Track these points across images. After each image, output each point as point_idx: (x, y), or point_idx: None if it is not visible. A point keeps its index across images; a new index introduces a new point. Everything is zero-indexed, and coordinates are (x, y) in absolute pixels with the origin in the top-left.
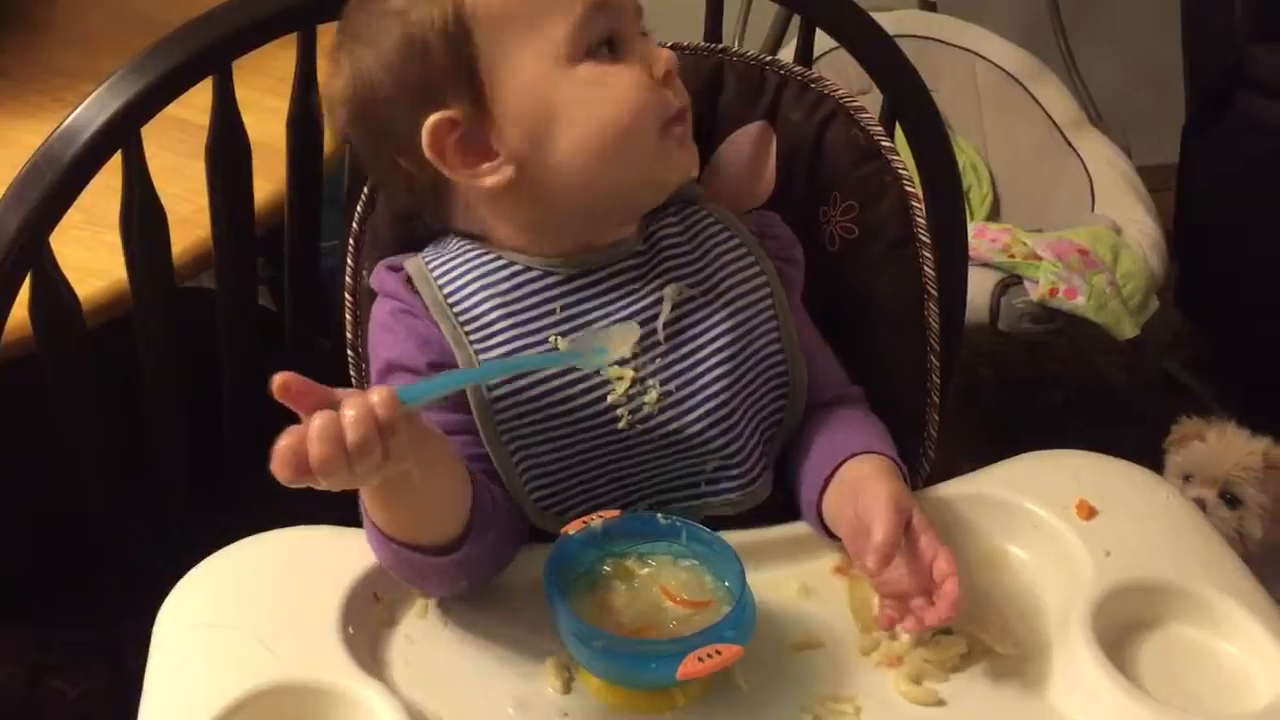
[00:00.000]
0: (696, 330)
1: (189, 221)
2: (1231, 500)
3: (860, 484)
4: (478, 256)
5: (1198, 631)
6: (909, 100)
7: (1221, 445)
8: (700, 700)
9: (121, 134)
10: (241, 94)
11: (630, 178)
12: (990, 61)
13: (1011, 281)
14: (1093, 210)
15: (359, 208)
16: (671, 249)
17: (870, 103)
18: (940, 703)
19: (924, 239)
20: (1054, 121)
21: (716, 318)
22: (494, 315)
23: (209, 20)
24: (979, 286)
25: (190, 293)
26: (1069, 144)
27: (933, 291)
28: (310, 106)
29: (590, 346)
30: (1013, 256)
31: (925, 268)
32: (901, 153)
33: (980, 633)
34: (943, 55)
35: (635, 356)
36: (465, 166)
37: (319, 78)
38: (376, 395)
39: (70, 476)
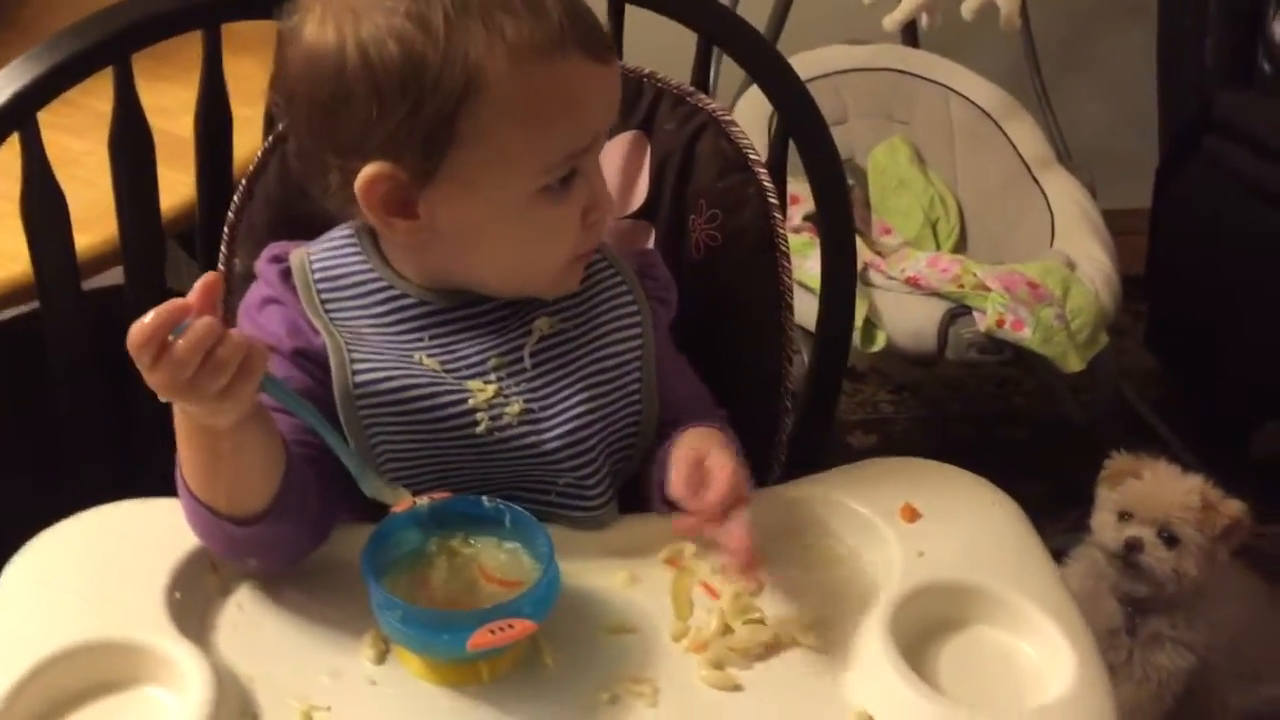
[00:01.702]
0: (563, 360)
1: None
2: (1169, 539)
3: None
4: (360, 268)
5: (999, 632)
6: (801, 117)
7: (1158, 484)
8: (506, 676)
9: (17, 118)
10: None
11: (520, 286)
12: (965, 97)
13: (960, 312)
14: (1051, 246)
15: (235, 198)
16: None
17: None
18: (738, 688)
19: (783, 248)
20: (1022, 158)
21: (584, 350)
22: (365, 328)
23: (111, 13)
24: (927, 316)
25: (105, 293)
26: (1035, 181)
27: (789, 300)
28: (218, 102)
29: (380, 484)
30: (961, 287)
31: (783, 276)
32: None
33: (789, 624)
34: (918, 89)
35: (498, 374)
36: (384, 212)
37: (297, 25)
38: (256, 347)
39: None
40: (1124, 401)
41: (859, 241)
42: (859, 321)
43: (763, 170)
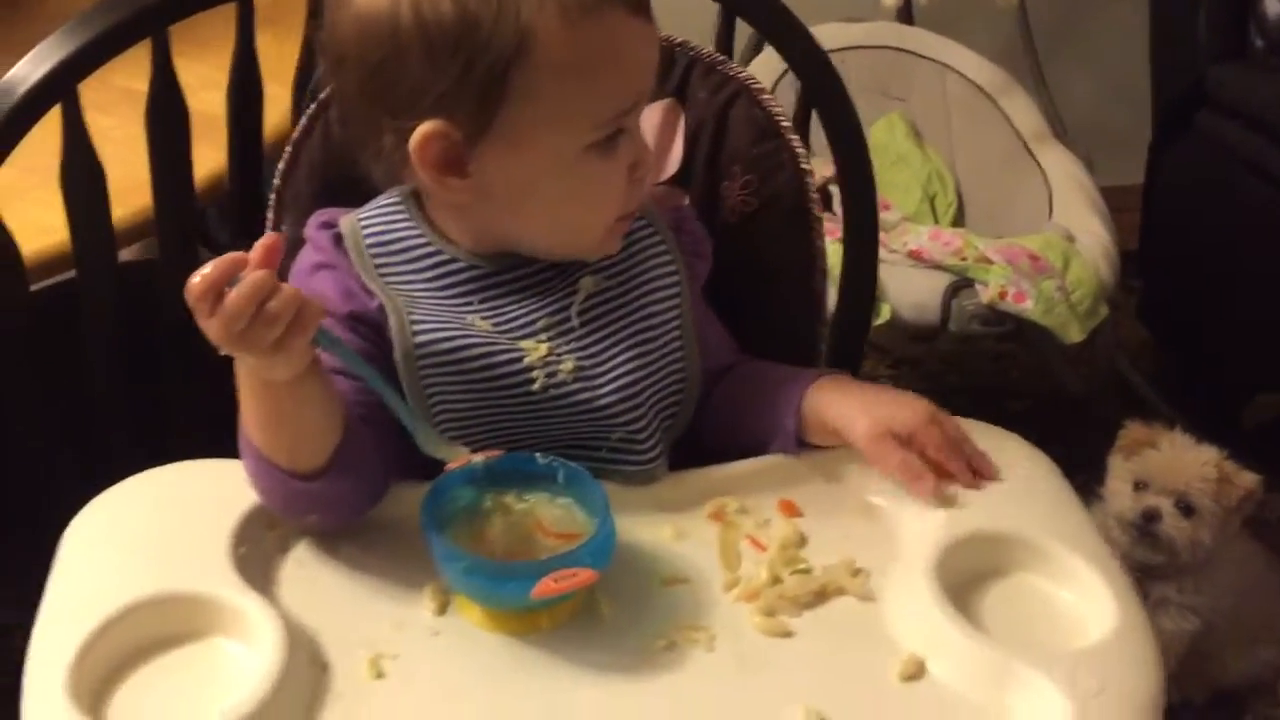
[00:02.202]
0: (610, 317)
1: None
2: (1186, 509)
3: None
4: (410, 233)
5: (1039, 579)
6: (823, 88)
7: (1175, 454)
8: (565, 626)
9: (58, 89)
10: (202, 70)
11: (565, 247)
12: (960, 74)
13: (962, 284)
14: (1049, 220)
15: (281, 165)
16: None
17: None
18: (789, 634)
19: (815, 213)
20: (1019, 134)
21: (629, 308)
22: (418, 290)
23: None
24: (930, 288)
25: (136, 266)
26: (1032, 156)
27: (822, 264)
28: (250, 74)
29: (438, 441)
30: (964, 260)
31: (815, 240)
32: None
33: (836, 573)
34: (915, 66)
35: (548, 334)
36: (435, 171)
37: None
38: (309, 301)
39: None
40: (1118, 374)
41: None
42: None
43: (795, 137)
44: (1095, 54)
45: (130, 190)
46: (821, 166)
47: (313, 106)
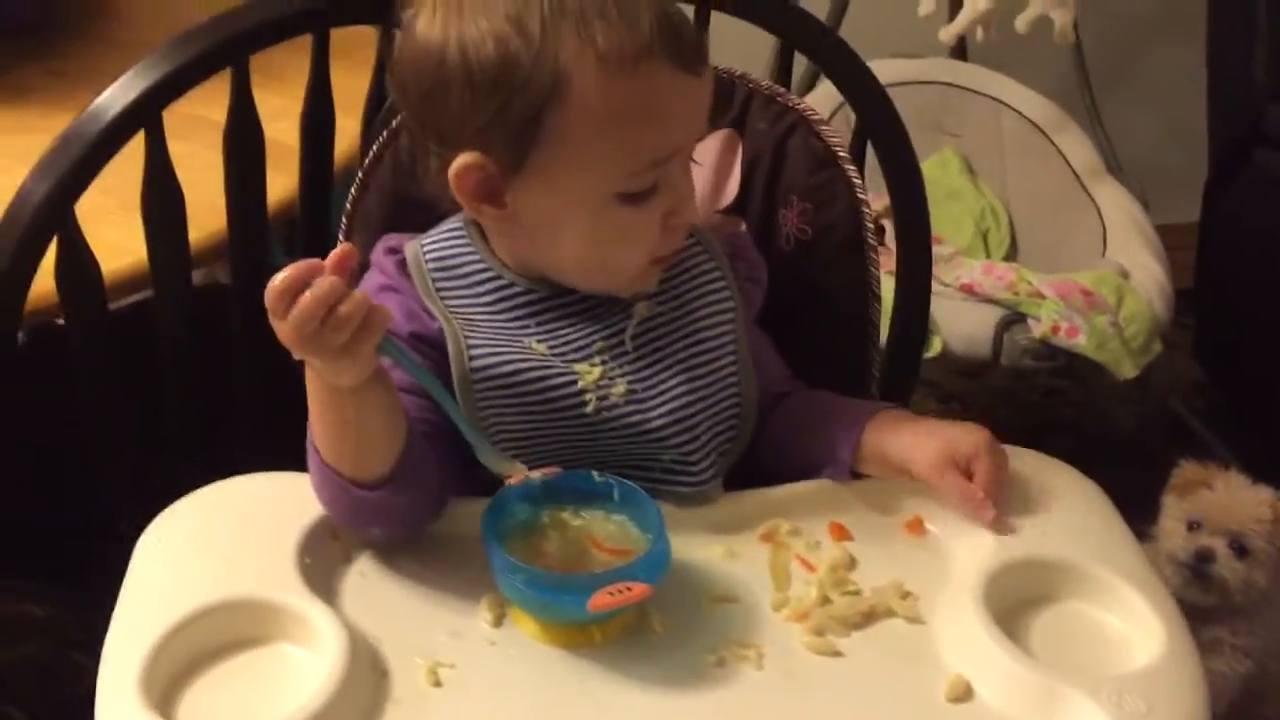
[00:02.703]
0: (663, 342)
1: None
2: (1240, 550)
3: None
4: (471, 258)
5: (1088, 606)
6: (879, 120)
7: (1230, 495)
8: (617, 640)
9: (143, 115)
10: (274, 101)
11: (596, 284)
12: (1015, 110)
13: (1014, 319)
14: (1104, 256)
15: (353, 190)
16: None
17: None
18: (837, 654)
19: (871, 242)
20: (1073, 170)
21: (682, 333)
22: (477, 313)
23: (229, 17)
24: (982, 322)
25: (209, 290)
26: (1086, 192)
27: (876, 291)
28: (323, 105)
29: (497, 455)
30: (1016, 294)
31: (870, 269)
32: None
33: (885, 595)
34: (969, 102)
35: (602, 357)
36: (472, 199)
37: (411, 19)
38: (377, 308)
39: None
40: (1171, 412)
41: None
42: None
43: (852, 167)
44: (1152, 91)
45: (202, 214)
46: (875, 200)
47: (384, 135)
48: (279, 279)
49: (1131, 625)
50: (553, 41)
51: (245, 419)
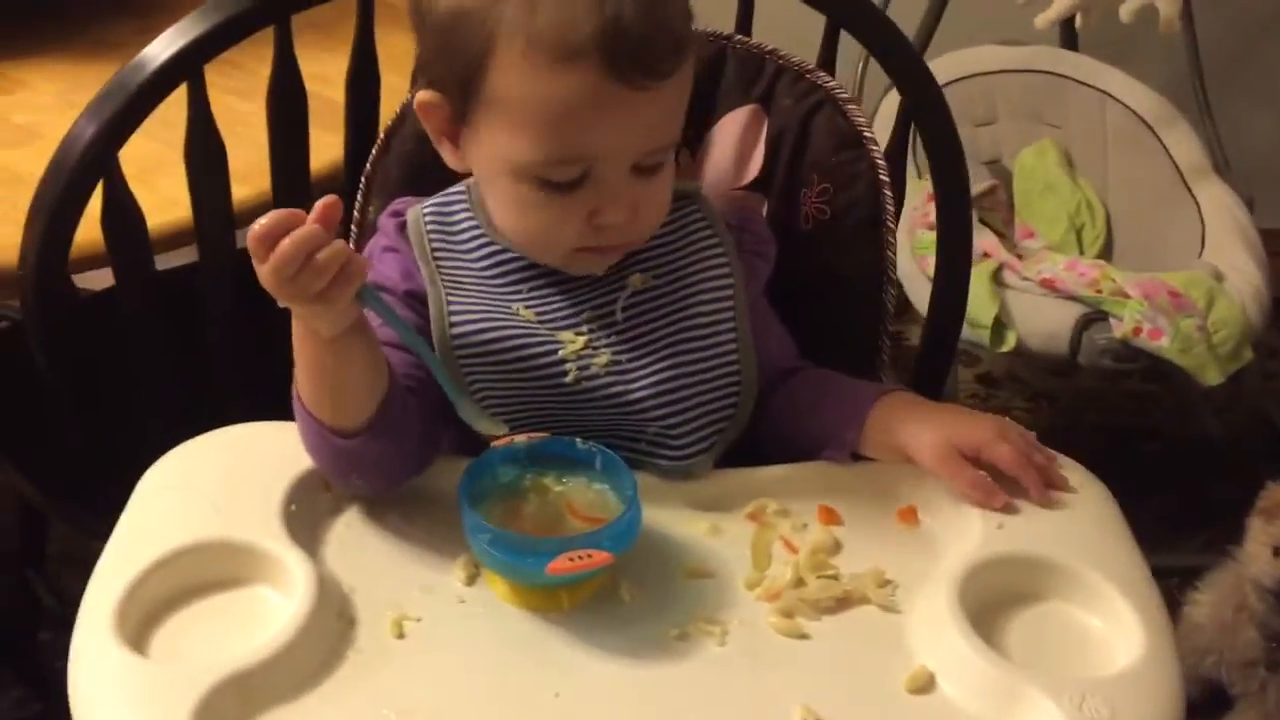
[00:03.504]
0: (654, 315)
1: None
2: None
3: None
4: (468, 223)
5: (1072, 607)
6: (925, 103)
7: None
8: (584, 607)
9: (185, 68)
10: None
11: (530, 253)
12: (1121, 103)
13: (1095, 317)
14: (1200, 257)
15: (374, 151)
16: (650, 243)
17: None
18: (804, 636)
19: (890, 225)
20: (1177, 167)
21: (676, 307)
22: (469, 277)
23: None
24: (1061, 319)
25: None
26: (1189, 190)
27: (893, 275)
28: (368, 63)
29: (478, 413)
30: (1099, 292)
31: (888, 253)
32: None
33: (862, 581)
34: (1073, 93)
35: (590, 326)
36: (437, 134)
37: None
38: (356, 257)
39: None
40: (1266, 422)
41: (998, 243)
42: (989, 320)
43: (876, 148)
44: (1270, 89)
45: (256, 173)
46: None
47: (407, 97)
48: (260, 224)
49: (1114, 629)
50: (499, 8)
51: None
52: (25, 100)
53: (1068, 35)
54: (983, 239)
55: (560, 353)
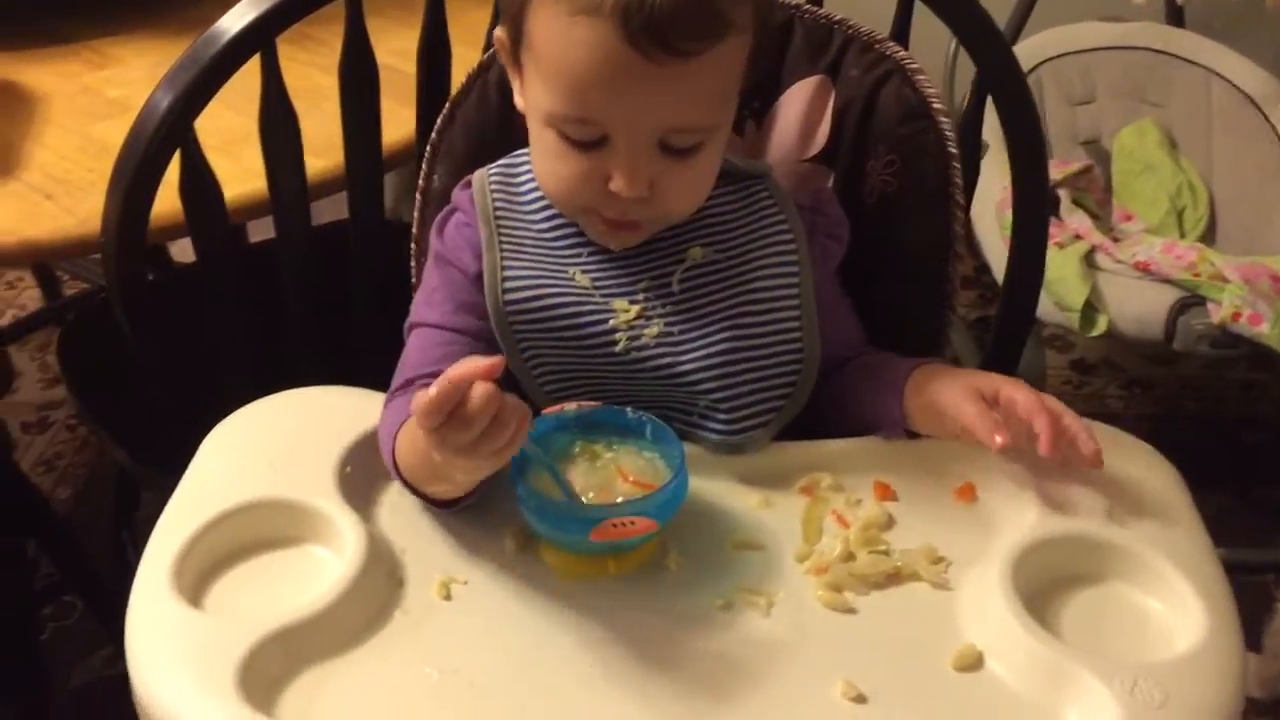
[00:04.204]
0: (712, 289)
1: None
2: None
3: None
4: (531, 185)
5: (1132, 589)
6: (1001, 74)
7: None
8: (631, 576)
9: (257, 40)
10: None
11: (557, 205)
12: (1228, 81)
13: (1192, 302)
14: None
15: (439, 120)
16: (713, 218)
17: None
18: (851, 610)
19: (958, 199)
20: None
21: (735, 282)
22: (528, 239)
23: None
24: (1156, 302)
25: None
26: None
27: (960, 251)
28: (439, 34)
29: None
30: (1197, 275)
31: (955, 226)
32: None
33: (914, 558)
34: (1177, 71)
35: (645, 296)
36: (510, 75)
37: None
38: (520, 423)
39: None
40: None
41: (1091, 225)
42: (1079, 303)
43: (945, 119)
44: None
45: (333, 147)
46: (1055, 168)
47: (475, 68)
48: (430, 395)
49: (1174, 613)
50: None
51: (367, 346)
52: (117, 75)
53: (1173, 12)
54: (1076, 220)
55: (611, 321)
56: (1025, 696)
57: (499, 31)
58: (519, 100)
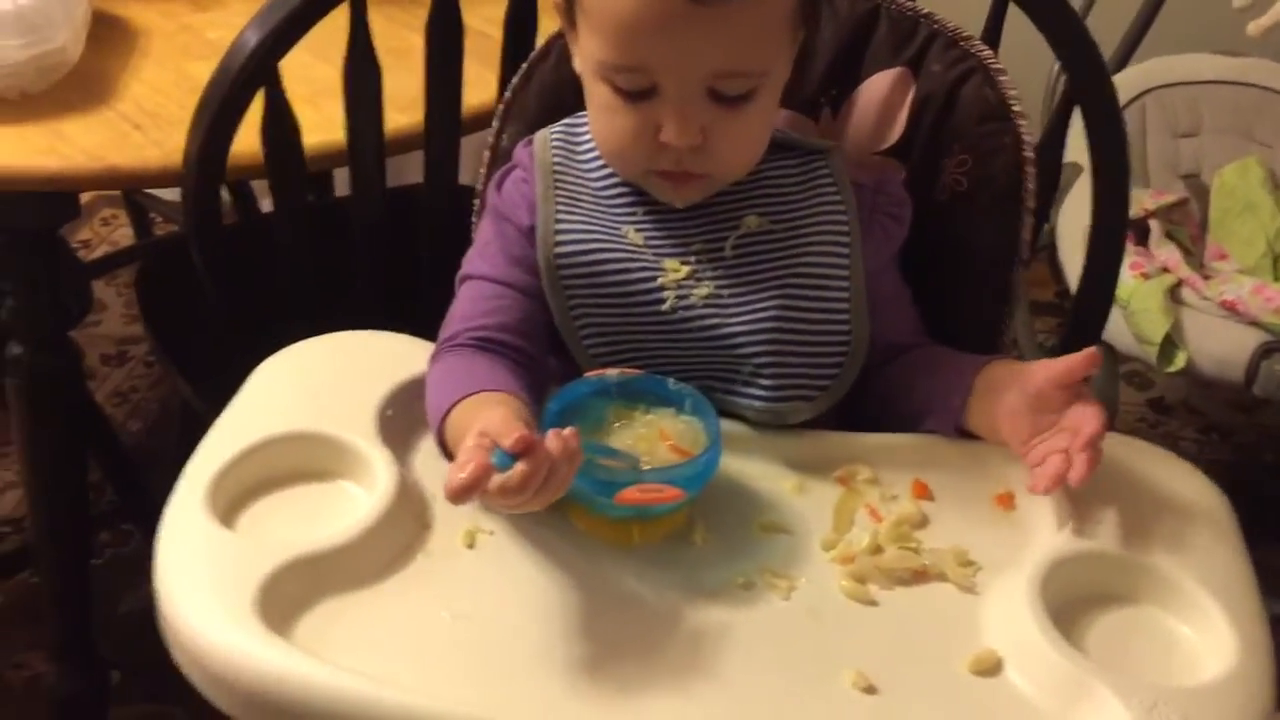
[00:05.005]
0: (764, 258)
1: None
2: None
3: (1012, 375)
4: (589, 148)
5: (1163, 613)
6: (1091, 84)
7: None
8: (655, 545)
9: None
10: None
11: (613, 165)
12: None
13: (1277, 346)
14: None
15: (515, 80)
16: (771, 188)
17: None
18: (872, 603)
19: (1028, 204)
20: None
21: (787, 254)
22: (584, 196)
23: None
24: (1238, 344)
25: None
26: None
27: (1024, 257)
28: (526, 5)
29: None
30: None
31: (1023, 232)
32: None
33: (943, 557)
34: None
35: (697, 258)
36: (566, 24)
37: None
38: (569, 463)
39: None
40: None
41: (1181, 259)
42: (1158, 337)
43: (1023, 122)
44: None
45: (416, 106)
46: (1143, 199)
47: (554, 32)
48: (461, 479)
49: (1205, 641)
50: None
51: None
52: (219, 18)
53: None
54: (1165, 253)
55: (660, 280)
56: (1039, 706)
57: None
58: (576, 62)
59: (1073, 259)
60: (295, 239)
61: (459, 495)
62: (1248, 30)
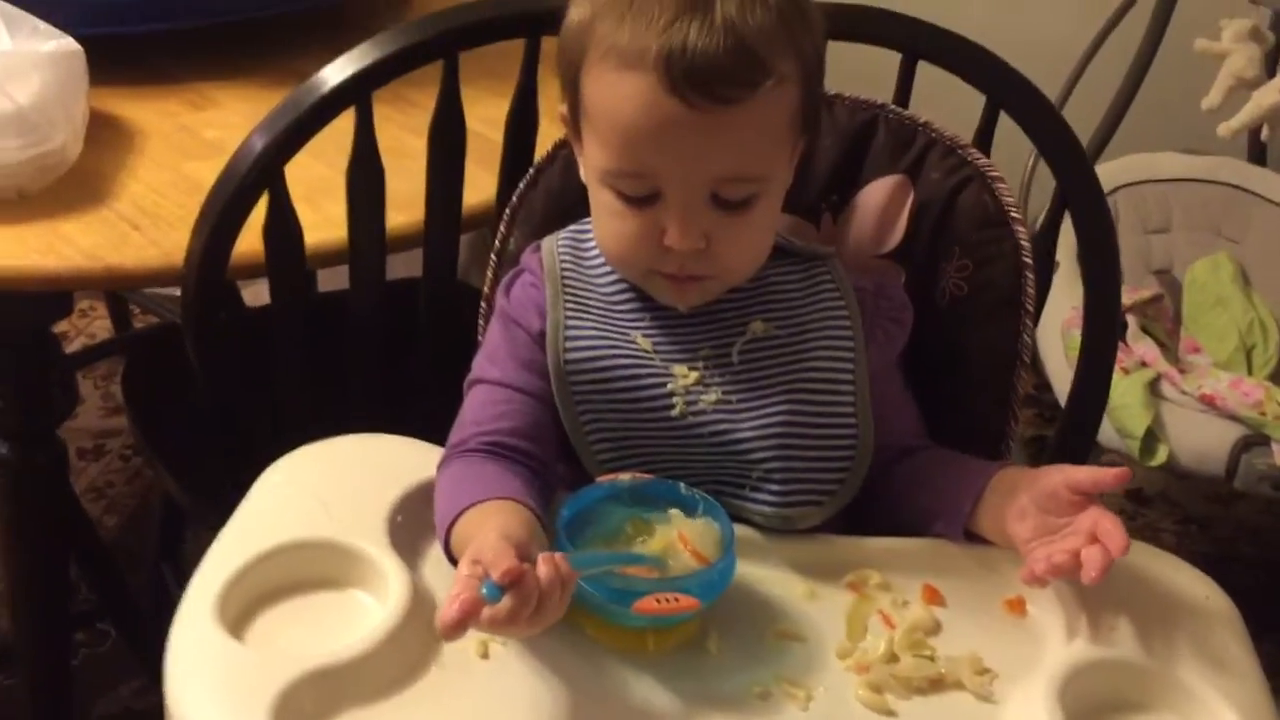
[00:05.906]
0: (771, 363)
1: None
2: None
3: (1024, 479)
4: (595, 254)
5: (1177, 719)
6: (1083, 192)
7: None
8: (669, 653)
9: (353, 94)
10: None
11: (619, 269)
12: None
13: (1256, 440)
14: None
15: (522, 184)
16: (775, 293)
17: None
18: (890, 713)
19: (1028, 308)
20: None
21: (793, 358)
22: (593, 301)
23: (446, 14)
24: (1219, 438)
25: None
26: None
27: (1026, 359)
28: (528, 104)
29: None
30: (1263, 414)
31: (1024, 335)
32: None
33: (959, 666)
34: (1255, 208)
35: (705, 363)
36: (573, 140)
37: None
38: (561, 589)
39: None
40: None
41: (1159, 353)
42: (1140, 430)
43: (1022, 229)
44: None
45: (414, 205)
46: (1129, 293)
47: (561, 138)
48: (452, 614)
49: None
50: (597, 22)
51: (421, 397)
52: (216, 118)
53: (1255, 148)
54: (1143, 347)
55: (670, 385)
56: None
57: (563, 107)
58: (582, 171)
59: (1052, 352)
60: (294, 336)
61: (450, 632)
62: (1219, 131)
